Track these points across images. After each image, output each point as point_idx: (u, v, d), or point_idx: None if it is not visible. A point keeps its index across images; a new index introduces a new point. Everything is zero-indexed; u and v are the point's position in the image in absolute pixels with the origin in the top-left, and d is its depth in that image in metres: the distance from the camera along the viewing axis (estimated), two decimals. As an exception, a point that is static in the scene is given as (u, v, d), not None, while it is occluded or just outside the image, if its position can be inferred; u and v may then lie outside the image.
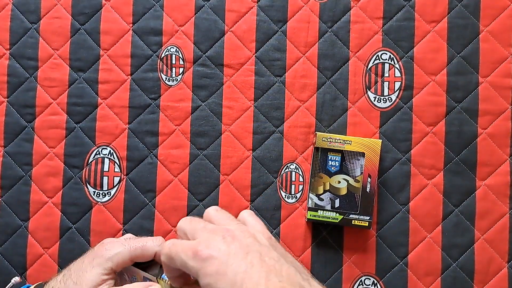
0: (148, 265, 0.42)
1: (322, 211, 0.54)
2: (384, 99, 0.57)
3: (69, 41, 0.58)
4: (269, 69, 0.58)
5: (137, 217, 0.57)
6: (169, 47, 0.58)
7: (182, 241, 0.32)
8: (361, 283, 0.56)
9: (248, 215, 0.36)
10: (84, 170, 0.57)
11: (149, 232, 0.57)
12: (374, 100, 0.58)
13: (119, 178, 0.57)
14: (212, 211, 0.35)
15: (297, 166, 0.57)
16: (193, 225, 0.33)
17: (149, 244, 0.42)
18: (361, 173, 0.54)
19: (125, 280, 0.43)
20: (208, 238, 0.31)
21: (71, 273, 0.41)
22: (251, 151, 0.57)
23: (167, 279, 0.38)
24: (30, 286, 0.41)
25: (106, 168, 0.57)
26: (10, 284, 0.44)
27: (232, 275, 0.28)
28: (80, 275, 0.40)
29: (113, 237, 0.55)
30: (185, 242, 0.32)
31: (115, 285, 0.40)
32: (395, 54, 0.58)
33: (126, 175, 0.57)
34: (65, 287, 0.40)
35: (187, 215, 0.56)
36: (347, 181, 0.55)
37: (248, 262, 0.29)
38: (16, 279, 0.45)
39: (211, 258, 0.29)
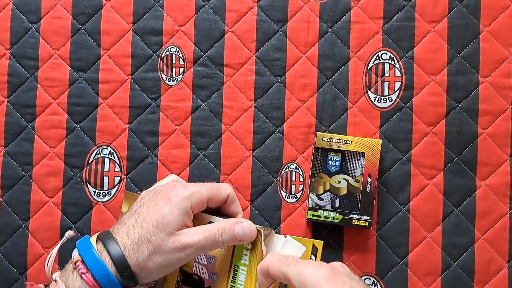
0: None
1: (322, 211, 0.54)
2: (384, 99, 0.58)
3: (69, 41, 0.58)
4: (269, 69, 0.58)
5: (138, 217, 0.57)
6: (169, 47, 0.58)
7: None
8: (361, 283, 0.56)
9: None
10: (84, 170, 0.57)
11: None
12: (374, 100, 0.58)
13: (119, 178, 0.57)
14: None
15: (297, 166, 0.57)
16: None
17: (223, 186, 0.40)
18: (361, 173, 0.54)
19: None
20: None
21: (145, 216, 0.37)
22: (251, 151, 0.57)
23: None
24: (88, 237, 0.38)
25: (106, 168, 0.57)
26: (64, 239, 0.40)
27: None
28: (158, 218, 0.36)
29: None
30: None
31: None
32: (395, 54, 0.58)
33: (127, 175, 0.57)
34: (143, 232, 0.36)
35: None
36: (347, 181, 0.55)
37: None
38: (70, 232, 0.41)
39: None
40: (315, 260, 0.40)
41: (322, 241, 0.41)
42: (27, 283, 0.38)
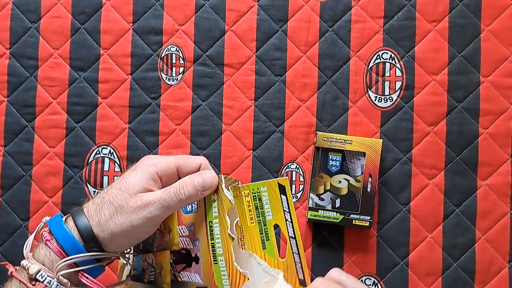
0: None
1: (322, 211, 0.54)
2: (385, 99, 0.57)
3: (69, 40, 0.58)
4: (269, 68, 0.58)
5: (137, 217, 0.57)
6: (169, 47, 0.58)
7: None
8: (361, 283, 0.56)
9: (345, 277, 0.38)
10: (84, 169, 0.57)
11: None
12: (375, 100, 0.57)
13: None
14: (343, 277, 0.38)
15: (297, 166, 0.57)
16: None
17: (194, 157, 0.40)
18: (362, 173, 0.54)
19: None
20: None
21: (112, 184, 0.38)
22: (251, 151, 0.57)
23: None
24: (60, 214, 0.39)
25: (106, 168, 0.57)
26: (41, 224, 0.41)
27: None
28: (123, 183, 0.37)
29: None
30: None
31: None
32: (396, 53, 0.58)
33: (126, 174, 0.57)
34: (107, 195, 0.37)
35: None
36: (348, 181, 0.55)
37: None
38: (47, 218, 0.42)
39: None
40: (286, 199, 0.39)
41: (287, 177, 0.41)
42: (5, 264, 0.38)
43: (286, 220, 0.38)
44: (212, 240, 0.38)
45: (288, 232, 0.39)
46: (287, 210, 0.39)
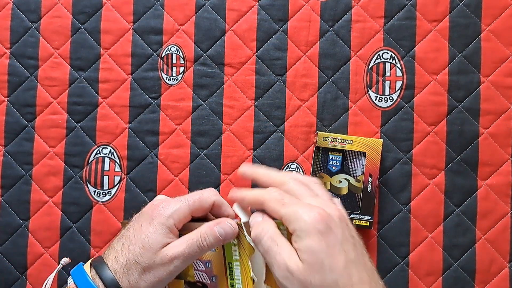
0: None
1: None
2: (385, 99, 0.57)
3: (69, 40, 0.58)
4: (270, 68, 0.58)
5: (138, 217, 0.57)
6: (169, 46, 0.58)
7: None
8: (362, 283, 0.56)
9: (313, 182, 0.37)
10: (84, 169, 0.57)
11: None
12: (375, 100, 0.57)
13: (119, 177, 0.57)
14: (293, 184, 0.36)
15: (298, 166, 0.57)
16: (290, 196, 0.35)
17: (206, 195, 0.40)
18: (362, 172, 0.54)
19: None
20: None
21: (132, 239, 0.38)
22: (251, 151, 0.57)
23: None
24: (83, 264, 0.39)
25: (106, 168, 0.57)
26: (59, 266, 0.41)
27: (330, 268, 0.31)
28: (144, 239, 0.37)
29: (113, 236, 0.56)
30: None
31: None
32: (396, 53, 0.58)
33: (127, 174, 0.57)
34: (131, 254, 0.37)
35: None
36: (348, 180, 0.54)
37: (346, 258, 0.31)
38: (66, 260, 0.42)
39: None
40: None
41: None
42: None
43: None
44: (232, 280, 0.40)
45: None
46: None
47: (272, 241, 0.34)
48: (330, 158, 0.55)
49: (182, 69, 0.58)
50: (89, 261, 0.39)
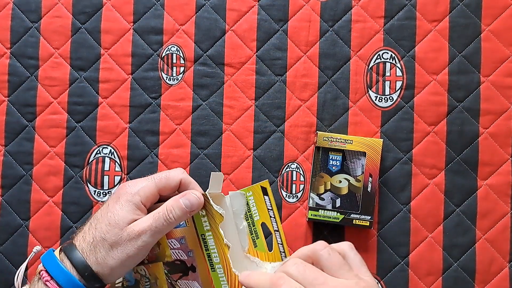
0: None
1: (323, 211, 0.54)
2: (386, 99, 0.57)
3: (69, 40, 0.58)
4: (270, 68, 0.58)
5: (138, 217, 0.57)
6: (170, 46, 0.58)
7: None
8: (362, 282, 0.56)
9: (354, 255, 0.35)
10: (84, 169, 0.57)
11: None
12: (375, 100, 0.57)
13: (119, 177, 0.57)
14: (324, 254, 0.34)
15: (298, 166, 0.57)
16: (308, 275, 0.32)
17: (172, 173, 0.40)
18: (362, 172, 0.54)
19: None
20: None
21: (99, 218, 0.39)
22: (252, 151, 0.57)
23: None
24: (52, 250, 0.40)
25: (106, 168, 0.57)
26: (31, 255, 0.42)
27: None
28: (110, 216, 0.38)
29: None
30: None
31: None
32: (396, 53, 0.58)
33: (127, 174, 0.57)
34: (97, 232, 0.38)
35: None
36: (348, 180, 0.55)
37: None
38: (38, 248, 0.43)
39: None
40: (269, 198, 0.43)
41: (267, 179, 0.46)
42: None
43: (271, 217, 0.44)
44: (208, 251, 0.40)
45: (273, 227, 0.44)
46: (270, 208, 0.44)
47: None
48: (330, 158, 0.55)
49: (182, 69, 0.58)
50: (60, 246, 0.40)
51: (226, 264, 0.39)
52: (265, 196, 0.44)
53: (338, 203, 0.54)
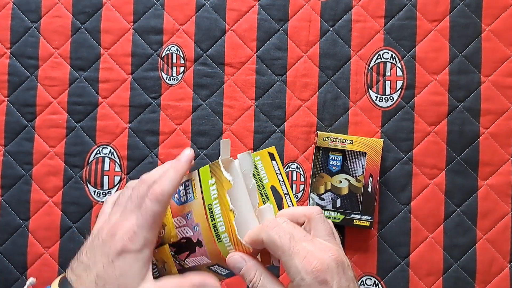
0: None
1: (323, 211, 0.54)
2: (386, 98, 0.57)
3: (69, 40, 0.58)
4: (270, 68, 0.58)
5: (138, 217, 0.57)
6: (170, 46, 0.58)
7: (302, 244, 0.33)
8: (362, 283, 0.56)
9: (337, 233, 0.37)
10: (84, 169, 0.57)
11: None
12: (376, 100, 0.57)
13: (119, 177, 0.57)
14: (320, 218, 0.36)
15: (298, 166, 0.57)
16: (299, 231, 0.34)
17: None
18: (363, 172, 0.54)
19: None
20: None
21: (105, 278, 0.34)
22: (252, 151, 0.57)
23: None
24: None
25: (106, 168, 0.57)
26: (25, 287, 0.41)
27: None
28: (121, 282, 0.34)
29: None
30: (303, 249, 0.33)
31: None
32: (396, 53, 0.58)
33: (127, 174, 0.57)
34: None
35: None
36: (349, 180, 0.54)
37: None
38: (32, 280, 0.39)
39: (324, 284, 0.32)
40: (276, 163, 0.43)
41: (274, 146, 0.45)
42: None
43: (280, 180, 0.44)
44: (213, 221, 0.39)
45: (283, 190, 0.44)
46: (278, 172, 0.44)
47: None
48: (331, 158, 0.55)
49: (182, 69, 0.58)
50: (57, 280, 0.35)
51: (231, 231, 0.38)
52: (272, 161, 0.44)
53: (338, 203, 0.54)
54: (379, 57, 0.58)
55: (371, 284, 0.56)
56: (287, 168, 0.57)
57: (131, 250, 0.34)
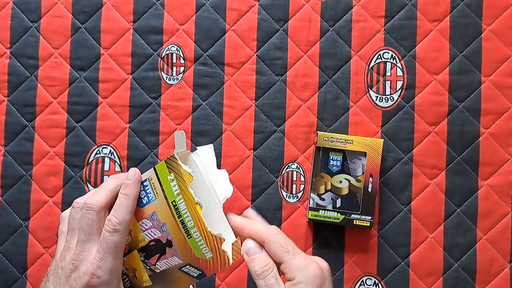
0: None
1: (323, 211, 0.54)
2: (386, 98, 0.57)
3: (69, 40, 0.58)
4: (270, 68, 0.58)
5: (138, 217, 0.57)
6: (169, 46, 0.58)
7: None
8: (362, 283, 0.56)
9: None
10: (84, 169, 0.57)
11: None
12: (376, 100, 0.57)
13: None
14: (281, 237, 0.37)
15: (298, 166, 0.57)
16: (291, 242, 0.37)
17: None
18: (363, 172, 0.54)
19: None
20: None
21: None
22: (252, 151, 0.57)
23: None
24: None
25: (106, 168, 0.57)
26: None
27: None
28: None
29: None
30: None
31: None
32: (397, 53, 0.57)
33: (127, 174, 0.57)
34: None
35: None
36: (349, 180, 0.54)
37: None
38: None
39: None
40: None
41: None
42: None
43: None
44: (180, 217, 0.37)
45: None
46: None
47: (276, 280, 0.36)
48: (331, 158, 0.55)
49: (182, 68, 0.58)
50: None
51: (201, 225, 0.36)
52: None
53: (338, 204, 0.54)
54: (379, 57, 0.57)
55: (371, 284, 0.56)
56: (287, 168, 0.57)
57: (98, 285, 0.35)
